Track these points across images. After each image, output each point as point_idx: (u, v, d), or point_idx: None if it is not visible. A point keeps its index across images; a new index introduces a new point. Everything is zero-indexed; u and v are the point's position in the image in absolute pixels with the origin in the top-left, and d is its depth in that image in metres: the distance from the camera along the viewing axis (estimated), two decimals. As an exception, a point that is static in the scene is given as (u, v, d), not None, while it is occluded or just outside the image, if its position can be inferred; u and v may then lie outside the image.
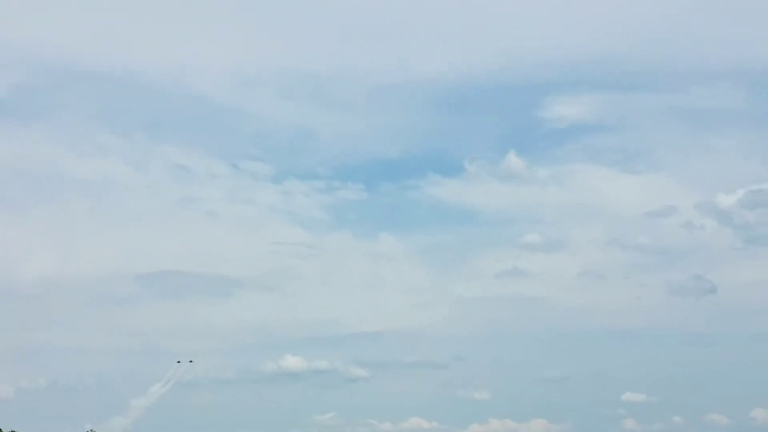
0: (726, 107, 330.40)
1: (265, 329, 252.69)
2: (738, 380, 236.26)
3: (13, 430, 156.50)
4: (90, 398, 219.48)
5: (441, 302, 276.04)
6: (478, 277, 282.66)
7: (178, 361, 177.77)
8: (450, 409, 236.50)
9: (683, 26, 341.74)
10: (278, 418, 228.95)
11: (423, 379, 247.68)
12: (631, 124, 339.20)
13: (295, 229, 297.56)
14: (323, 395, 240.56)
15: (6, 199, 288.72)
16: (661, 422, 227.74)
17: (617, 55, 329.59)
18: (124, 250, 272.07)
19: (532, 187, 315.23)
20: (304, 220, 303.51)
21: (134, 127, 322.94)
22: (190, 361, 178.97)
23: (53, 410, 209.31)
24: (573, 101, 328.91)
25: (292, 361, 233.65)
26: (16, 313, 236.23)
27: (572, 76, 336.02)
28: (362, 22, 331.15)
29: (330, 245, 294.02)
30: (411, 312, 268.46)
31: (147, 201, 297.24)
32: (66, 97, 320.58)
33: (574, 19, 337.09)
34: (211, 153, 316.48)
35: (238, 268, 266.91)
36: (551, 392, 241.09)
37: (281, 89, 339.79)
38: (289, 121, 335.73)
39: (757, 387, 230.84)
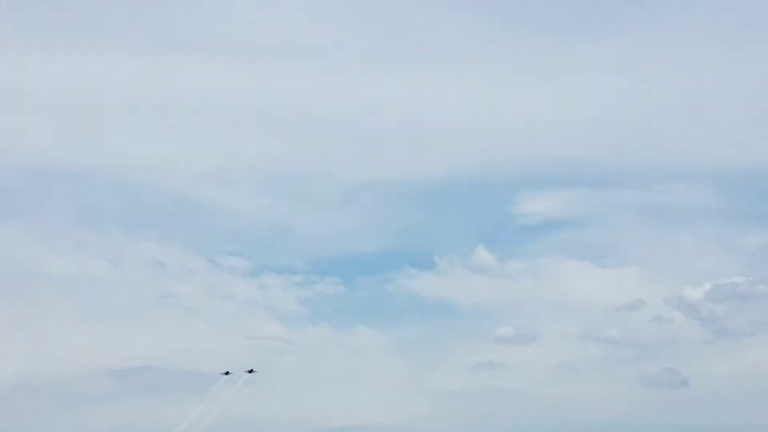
0: (691, 204, 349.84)
1: (243, 424, 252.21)
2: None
3: None
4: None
5: (418, 396, 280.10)
6: (455, 370, 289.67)
7: (227, 372, 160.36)
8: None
9: (650, 126, 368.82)
10: None
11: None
12: (601, 219, 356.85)
13: (273, 323, 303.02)
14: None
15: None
16: None
17: (586, 153, 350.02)
18: (99, 346, 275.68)
19: (504, 281, 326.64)
20: (282, 314, 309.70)
21: (111, 223, 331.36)
22: (251, 371, 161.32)
23: None
24: (543, 198, 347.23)
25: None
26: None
27: (542, 174, 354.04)
28: (337, 123, 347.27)
29: (307, 339, 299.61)
30: (388, 406, 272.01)
31: (123, 297, 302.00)
32: (43, 195, 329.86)
33: (543, 120, 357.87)
34: (188, 249, 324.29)
35: (214, 363, 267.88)
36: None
37: (257, 186, 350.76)
38: (266, 217, 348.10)
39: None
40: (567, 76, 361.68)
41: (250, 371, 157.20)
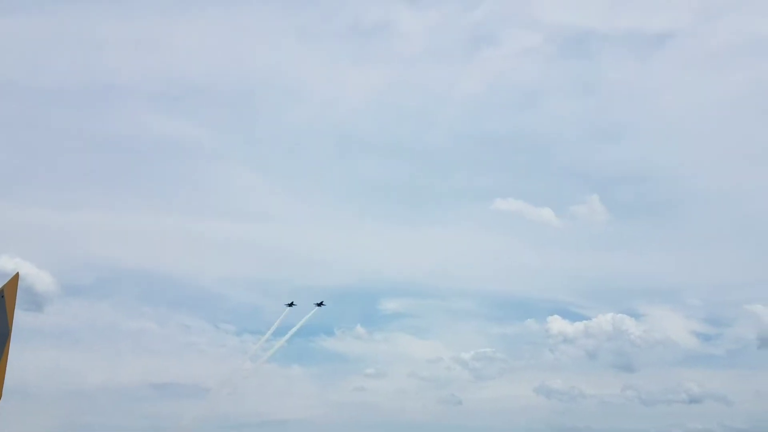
0: (467, 309, 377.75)
1: (218, 416, 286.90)
2: None
3: None
4: None
5: (323, 404, 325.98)
6: (342, 391, 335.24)
7: (291, 304, 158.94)
8: None
9: (448, 267, 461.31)
10: None
11: None
12: (422, 315, 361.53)
13: (246, 362, 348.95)
14: None
15: None
16: None
17: (417, 280, 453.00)
18: (149, 370, 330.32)
19: (371, 344, 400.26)
20: (251, 356, 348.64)
21: (162, 303, 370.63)
22: (321, 304, 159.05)
23: None
24: (393, 301, 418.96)
25: None
26: None
27: (394, 289, 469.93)
28: (293, 258, 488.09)
29: (264, 371, 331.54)
30: (306, 409, 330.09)
31: (164, 343, 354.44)
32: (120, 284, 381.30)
33: (394, 261, 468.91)
34: (203, 319, 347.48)
35: (211, 380, 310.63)
36: None
37: (245, 285, 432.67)
38: (249, 302, 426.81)
39: None
40: (409, 240, 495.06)
41: (321, 304, 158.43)
